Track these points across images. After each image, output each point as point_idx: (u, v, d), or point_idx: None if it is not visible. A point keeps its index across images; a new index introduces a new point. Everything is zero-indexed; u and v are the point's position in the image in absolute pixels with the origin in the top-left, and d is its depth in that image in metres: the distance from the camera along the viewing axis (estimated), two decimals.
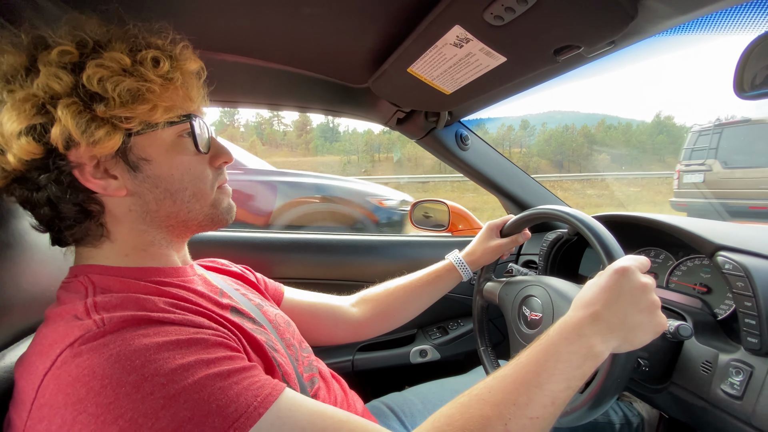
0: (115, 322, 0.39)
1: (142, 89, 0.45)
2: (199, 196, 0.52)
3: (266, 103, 1.00)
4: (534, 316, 0.74)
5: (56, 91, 0.42)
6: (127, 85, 0.44)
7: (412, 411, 0.83)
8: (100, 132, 0.43)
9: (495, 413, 0.43)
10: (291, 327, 0.68)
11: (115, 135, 0.44)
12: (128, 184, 0.47)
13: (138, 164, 0.47)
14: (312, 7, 0.63)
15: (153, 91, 0.45)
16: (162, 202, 0.49)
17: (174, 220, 0.51)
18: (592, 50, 0.58)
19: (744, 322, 0.59)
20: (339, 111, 1.06)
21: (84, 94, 0.43)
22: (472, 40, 0.59)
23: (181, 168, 0.50)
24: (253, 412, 0.37)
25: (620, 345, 0.50)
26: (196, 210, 0.52)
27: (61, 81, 0.42)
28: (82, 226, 0.47)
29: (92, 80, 0.43)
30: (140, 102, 0.45)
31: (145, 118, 0.46)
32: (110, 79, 0.43)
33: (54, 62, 0.42)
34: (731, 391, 0.57)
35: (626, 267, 0.52)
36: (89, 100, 0.43)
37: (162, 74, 0.47)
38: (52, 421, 0.35)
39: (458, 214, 1.36)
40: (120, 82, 0.43)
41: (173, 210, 0.51)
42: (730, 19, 0.54)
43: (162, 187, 0.49)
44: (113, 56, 0.44)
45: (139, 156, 0.47)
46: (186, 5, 0.64)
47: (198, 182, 0.52)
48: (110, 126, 0.44)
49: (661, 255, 0.88)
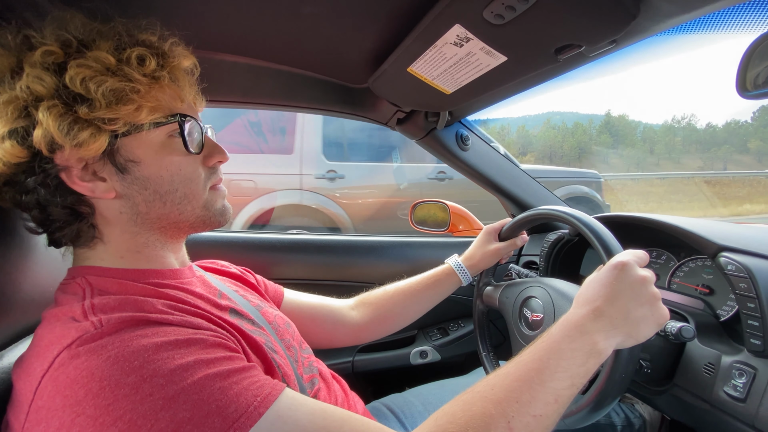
0: (113, 324, 0.39)
1: (126, 89, 0.43)
2: (190, 197, 0.51)
3: (265, 103, 1.00)
4: (535, 317, 0.74)
5: (39, 92, 0.41)
6: (110, 85, 0.42)
7: (413, 412, 0.83)
8: (84, 134, 0.42)
9: (498, 411, 0.42)
10: (291, 328, 0.67)
11: (101, 137, 0.43)
12: (117, 186, 0.47)
13: (126, 166, 0.46)
14: (311, 7, 0.63)
15: (137, 91, 0.44)
16: (152, 204, 0.48)
17: (165, 221, 0.51)
18: (594, 49, 0.57)
19: (747, 323, 0.58)
20: (339, 111, 1.05)
21: (67, 96, 0.42)
22: (472, 39, 0.59)
23: (171, 169, 0.49)
24: (253, 412, 0.37)
25: (624, 340, 0.50)
26: (187, 211, 0.51)
27: (43, 82, 0.41)
28: (72, 227, 0.47)
29: (75, 81, 0.41)
30: (124, 102, 0.43)
31: (129, 119, 0.44)
32: (93, 80, 0.42)
33: (38, 63, 0.41)
34: (734, 393, 0.56)
35: (625, 261, 0.52)
36: (72, 101, 0.42)
37: (148, 73, 0.45)
38: (50, 423, 0.35)
39: (458, 214, 1.36)
40: (103, 83, 0.42)
41: (164, 212, 0.50)
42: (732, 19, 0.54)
43: (151, 188, 0.48)
44: (97, 55, 0.43)
45: (126, 158, 0.46)
46: (185, 4, 0.63)
47: (189, 183, 0.50)
48: (94, 128, 0.43)
49: (663, 256, 0.87)
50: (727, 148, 38.43)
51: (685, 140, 44.05)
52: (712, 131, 46.48)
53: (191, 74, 0.53)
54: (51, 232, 0.48)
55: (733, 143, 40.67)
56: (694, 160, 30.98)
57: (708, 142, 43.25)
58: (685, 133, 44.51)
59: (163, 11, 0.63)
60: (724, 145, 40.55)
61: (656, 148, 37.63)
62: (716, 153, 33.68)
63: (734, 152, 28.41)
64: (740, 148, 37.96)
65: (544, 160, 29.38)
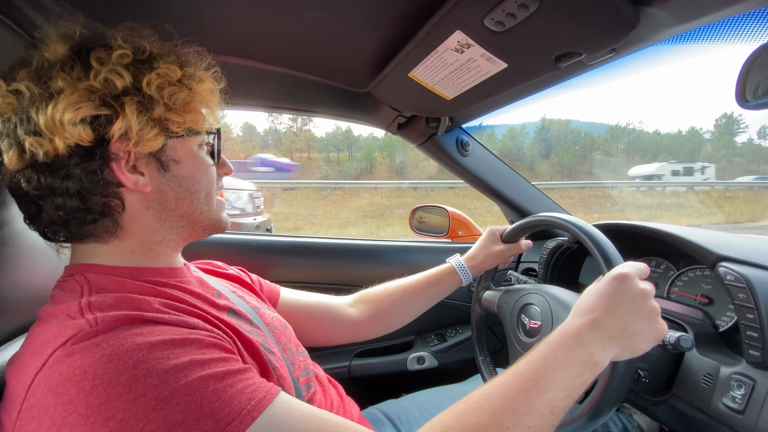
0: (108, 322, 0.39)
1: (195, 99, 0.51)
2: (209, 198, 0.56)
3: (267, 107, 1.00)
4: (533, 325, 0.73)
5: (117, 87, 0.45)
6: (182, 95, 0.49)
7: (408, 419, 0.82)
8: (153, 132, 0.47)
9: (493, 422, 0.42)
10: (288, 330, 0.67)
11: (160, 137, 0.48)
12: (154, 181, 0.50)
13: (168, 164, 0.51)
14: (314, 11, 0.64)
15: (200, 102, 0.52)
16: (181, 201, 0.52)
17: (186, 220, 0.54)
18: (594, 57, 0.58)
19: (746, 334, 0.58)
20: (340, 115, 1.06)
21: (143, 96, 0.46)
22: (473, 46, 0.59)
23: (201, 170, 0.54)
24: (246, 416, 0.37)
25: (620, 353, 0.50)
26: (205, 212, 0.55)
27: (122, 78, 0.45)
28: (105, 220, 0.48)
29: (152, 85, 0.47)
30: (189, 111, 0.50)
31: (190, 125, 0.51)
32: (167, 87, 0.48)
33: (115, 61, 0.45)
34: (733, 404, 0.56)
35: (625, 273, 0.52)
36: (148, 102, 0.47)
37: (205, 89, 0.52)
38: (42, 421, 0.34)
39: (458, 220, 1.36)
40: (175, 92, 0.48)
41: (189, 209, 0.53)
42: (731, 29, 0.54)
43: (184, 186, 0.52)
44: (169, 67, 0.48)
45: (170, 157, 0.51)
46: (189, 8, 0.64)
47: (211, 185, 0.56)
48: (161, 128, 0.48)
49: (662, 265, 0.87)
50: (664, 156, 38.60)
51: (630, 146, 44.22)
52: (657, 139, 46.77)
53: (218, 94, 0.58)
54: (69, 225, 0.47)
55: (677, 152, 40.76)
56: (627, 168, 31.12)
57: (653, 150, 43.40)
58: (630, 139, 44.76)
59: (165, 14, 0.64)
60: (661, 153, 40.76)
61: (592, 156, 37.86)
62: (653, 161, 33.99)
63: (682, 161, 28.69)
64: (687, 156, 38.18)
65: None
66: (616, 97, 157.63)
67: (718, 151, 44.13)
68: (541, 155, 36.01)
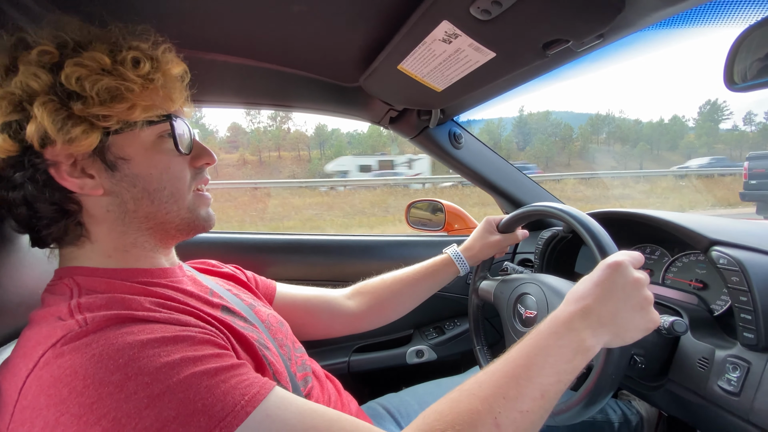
0: (98, 322, 0.38)
1: (121, 88, 0.45)
2: (177, 196, 0.51)
3: (257, 103, 1.00)
4: (529, 314, 0.73)
5: (34, 89, 0.42)
6: (105, 83, 0.44)
7: (408, 412, 0.82)
8: (77, 130, 0.43)
9: (485, 407, 0.42)
10: (284, 327, 0.67)
11: (93, 133, 0.44)
12: (105, 183, 0.47)
13: (116, 163, 0.47)
14: (301, 6, 0.63)
15: (132, 90, 0.45)
16: (140, 202, 0.49)
17: (153, 221, 0.51)
18: (581, 44, 0.58)
19: (740, 317, 0.58)
20: (331, 110, 1.05)
21: (62, 93, 0.43)
22: (460, 36, 0.59)
23: (159, 167, 0.49)
24: (240, 411, 0.37)
25: (611, 340, 0.50)
26: (173, 212, 0.51)
27: (39, 79, 0.42)
28: (60, 225, 0.47)
29: (70, 79, 0.43)
30: (118, 101, 0.45)
31: (123, 117, 0.45)
32: (88, 78, 0.43)
33: (33, 62, 0.43)
34: (728, 387, 0.56)
35: (619, 262, 0.52)
36: (66, 98, 0.43)
37: (142, 74, 0.47)
38: (35, 423, 0.34)
39: (454, 213, 1.36)
40: (98, 81, 0.43)
41: (151, 210, 0.50)
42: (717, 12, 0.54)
43: (140, 186, 0.48)
44: (92, 56, 0.44)
45: (116, 155, 0.47)
46: (175, 5, 0.63)
47: (176, 182, 0.51)
48: (87, 124, 0.44)
49: (656, 251, 0.87)
50: (642, 145, 38.55)
51: (609, 137, 44.39)
52: (638, 128, 46.95)
53: (182, 80, 0.54)
54: (36, 231, 0.48)
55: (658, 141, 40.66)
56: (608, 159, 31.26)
57: (633, 139, 43.42)
58: (609, 129, 44.97)
59: (152, 10, 0.63)
60: (640, 142, 40.84)
61: (570, 146, 37.89)
62: (631, 152, 33.98)
63: (663, 150, 28.85)
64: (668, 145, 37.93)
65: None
66: (599, 87, 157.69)
67: (700, 138, 44.30)
68: (519, 148, 36.08)
